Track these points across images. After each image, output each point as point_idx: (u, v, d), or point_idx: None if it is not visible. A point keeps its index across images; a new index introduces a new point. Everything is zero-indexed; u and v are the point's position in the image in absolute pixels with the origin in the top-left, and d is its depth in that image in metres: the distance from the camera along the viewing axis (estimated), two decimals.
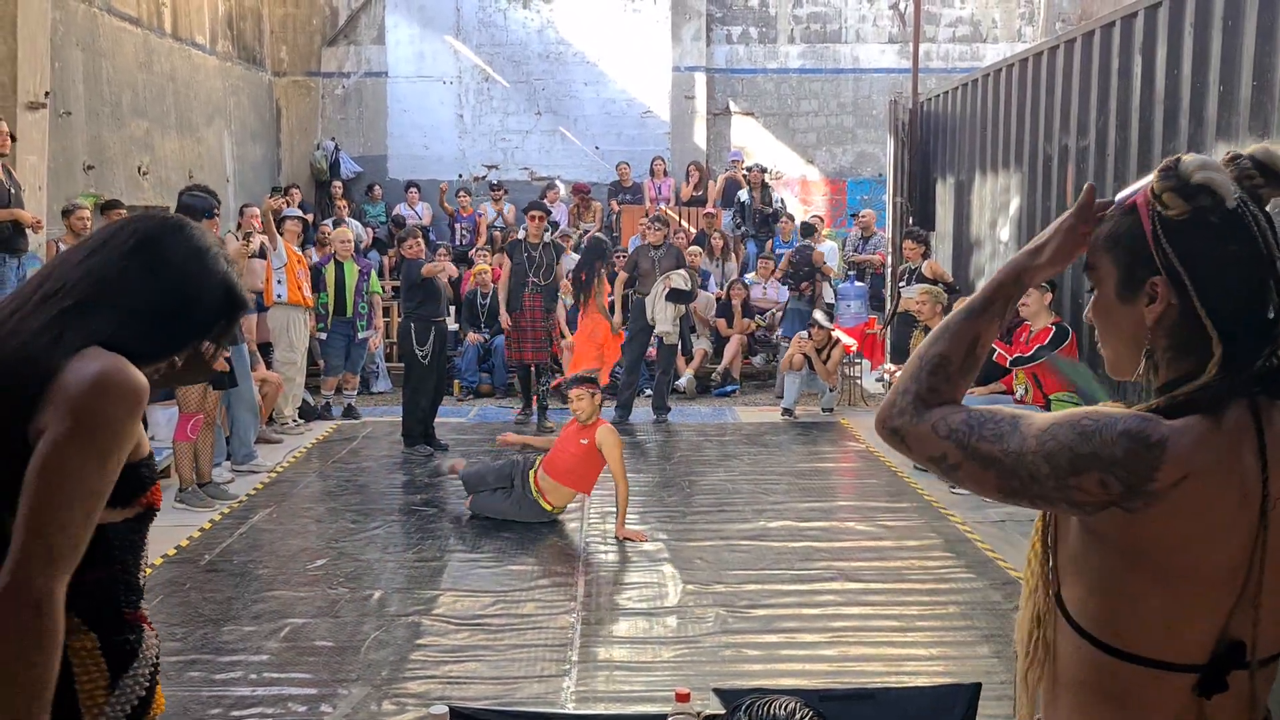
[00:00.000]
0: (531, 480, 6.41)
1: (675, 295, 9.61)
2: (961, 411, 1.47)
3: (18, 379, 1.56)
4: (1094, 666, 1.43)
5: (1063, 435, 1.38)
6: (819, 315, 10.18)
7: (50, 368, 1.57)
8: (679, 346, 10.19)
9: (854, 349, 10.34)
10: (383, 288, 11.27)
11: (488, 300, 11.36)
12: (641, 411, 9.96)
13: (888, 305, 10.56)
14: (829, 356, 9.89)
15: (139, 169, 9.99)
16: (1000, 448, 1.41)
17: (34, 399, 1.55)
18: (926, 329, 8.79)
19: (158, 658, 1.78)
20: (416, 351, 8.48)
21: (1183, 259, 1.41)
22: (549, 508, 6.42)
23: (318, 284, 9.59)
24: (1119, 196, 1.51)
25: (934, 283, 8.96)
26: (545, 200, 13.18)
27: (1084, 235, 1.51)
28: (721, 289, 12.20)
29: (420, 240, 9.04)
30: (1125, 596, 1.40)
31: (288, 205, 11.10)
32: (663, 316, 9.63)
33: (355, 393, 10.07)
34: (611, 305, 10.02)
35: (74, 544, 1.53)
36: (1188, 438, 1.35)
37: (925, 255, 9.57)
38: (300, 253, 9.23)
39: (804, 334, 10.01)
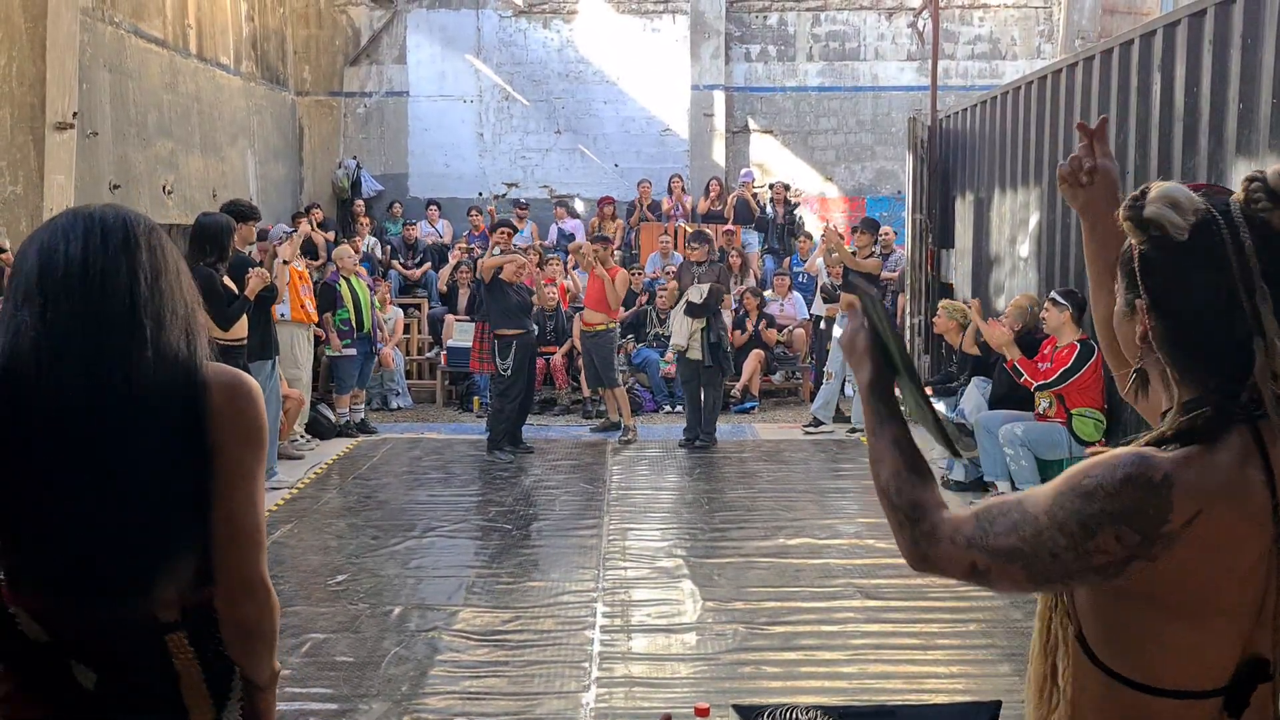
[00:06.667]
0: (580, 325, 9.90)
1: (690, 309, 9.57)
2: (970, 519, 1.45)
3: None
4: (1120, 701, 1.42)
5: (1068, 502, 1.36)
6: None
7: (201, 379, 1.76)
8: (720, 368, 9.68)
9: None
10: (379, 301, 11.25)
11: None
12: (675, 428, 10.00)
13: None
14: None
15: (164, 188, 10.09)
16: (1017, 536, 1.39)
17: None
18: (950, 348, 8.77)
19: None
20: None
21: (1150, 285, 1.41)
22: (602, 328, 9.56)
23: (337, 302, 9.64)
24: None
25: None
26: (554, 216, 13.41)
27: (859, 332, 1.62)
28: (737, 303, 12.15)
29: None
30: (1150, 636, 1.39)
31: (290, 226, 11.10)
32: (678, 330, 9.57)
33: (364, 406, 10.10)
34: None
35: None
36: (1192, 469, 1.33)
37: (873, 254, 9.80)
38: (300, 267, 9.19)
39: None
